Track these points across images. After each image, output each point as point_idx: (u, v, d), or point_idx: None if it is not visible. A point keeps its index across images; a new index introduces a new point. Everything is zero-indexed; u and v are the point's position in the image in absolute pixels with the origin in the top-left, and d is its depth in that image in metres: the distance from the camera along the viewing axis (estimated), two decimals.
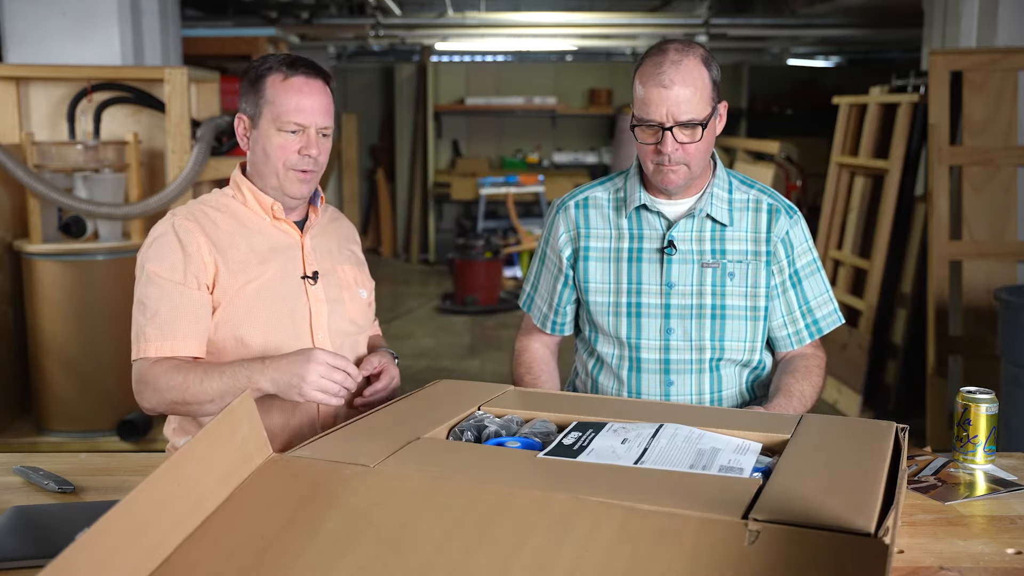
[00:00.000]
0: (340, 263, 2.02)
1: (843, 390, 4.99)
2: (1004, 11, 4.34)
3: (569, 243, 2.05)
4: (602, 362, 2.05)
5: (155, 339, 1.81)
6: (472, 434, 1.54)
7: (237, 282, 1.85)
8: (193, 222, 1.87)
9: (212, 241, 1.86)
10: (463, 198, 9.64)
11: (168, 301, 1.82)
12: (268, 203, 1.92)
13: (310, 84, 1.87)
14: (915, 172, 4.83)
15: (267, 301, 1.87)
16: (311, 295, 1.92)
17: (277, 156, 1.86)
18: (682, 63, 1.82)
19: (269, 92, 1.86)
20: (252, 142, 1.91)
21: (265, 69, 1.88)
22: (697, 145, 1.85)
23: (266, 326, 1.86)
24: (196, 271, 1.83)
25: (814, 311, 2.01)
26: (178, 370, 1.78)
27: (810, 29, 7.77)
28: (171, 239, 1.85)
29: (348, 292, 1.99)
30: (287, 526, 1.15)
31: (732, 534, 1.08)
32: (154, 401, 1.80)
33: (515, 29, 8.18)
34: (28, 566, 1.25)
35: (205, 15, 7.08)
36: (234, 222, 1.91)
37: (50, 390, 3.95)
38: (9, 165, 3.71)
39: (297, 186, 1.89)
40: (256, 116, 1.88)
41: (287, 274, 1.91)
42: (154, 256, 1.85)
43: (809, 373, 1.97)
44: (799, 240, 1.99)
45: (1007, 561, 1.30)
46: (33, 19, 4.29)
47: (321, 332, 1.91)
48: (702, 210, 1.95)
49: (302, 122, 1.85)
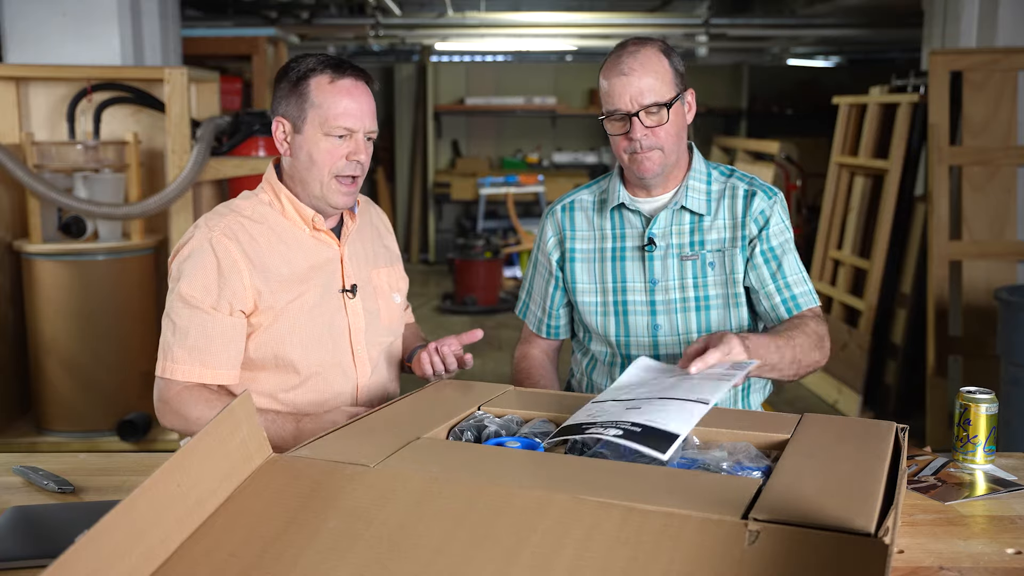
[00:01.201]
0: (375, 266, 1.97)
1: (843, 390, 4.99)
2: (1004, 11, 4.34)
3: (557, 246, 2.08)
4: (595, 361, 2.08)
5: (184, 361, 1.77)
6: (472, 434, 1.54)
7: (280, 302, 1.80)
8: (232, 240, 1.79)
9: (252, 262, 1.79)
10: (463, 198, 9.64)
11: (199, 325, 1.77)
12: (309, 215, 1.84)
13: (358, 87, 1.81)
14: (915, 172, 4.83)
15: (308, 320, 1.82)
16: (350, 310, 1.88)
17: (324, 162, 1.79)
18: (640, 52, 1.87)
19: (315, 95, 1.78)
20: (295, 148, 1.82)
21: (308, 70, 1.79)
22: (666, 128, 1.88)
23: (307, 345, 1.82)
24: (231, 296, 1.77)
25: (791, 287, 1.97)
26: (211, 407, 1.75)
27: (810, 29, 7.77)
28: (208, 257, 1.78)
29: (383, 299, 1.96)
30: (287, 526, 1.15)
31: (732, 534, 1.08)
32: (177, 425, 1.79)
33: (515, 29, 8.19)
34: (28, 566, 1.25)
35: (205, 15, 7.08)
36: (273, 236, 1.84)
37: (50, 390, 3.94)
38: (9, 165, 3.71)
39: (340, 197, 1.83)
40: (300, 120, 1.79)
41: (327, 290, 1.86)
42: (188, 273, 1.78)
43: (799, 328, 1.89)
44: (776, 220, 1.97)
45: (1007, 561, 1.30)
46: (33, 19, 4.29)
47: (359, 347, 1.89)
48: (677, 203, 1.96)
49: (351, 126, 1.78)
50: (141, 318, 4.05)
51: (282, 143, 1.84)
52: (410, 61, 10.09)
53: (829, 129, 5.73)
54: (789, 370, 1.84)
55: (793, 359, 1.83)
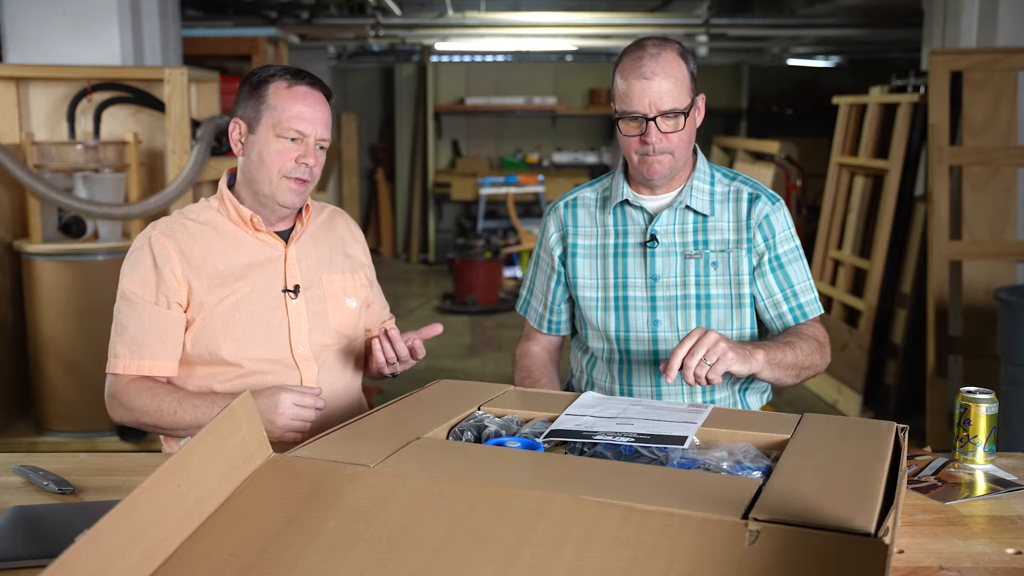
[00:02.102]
0: (328, 271, 2.00)
1: (843, 390, 4.99)
2: (1004, 11, 4.34)
3: (559, 242, 2.09)
4: (595, 358, 2.09)
5: (124, 356, 1.86)
6: (472, 434, 1.54)
7: (212, 298, 1.86)
8: (169, 238, 1.88)
9: (186, 258, 1.87)
10: (463, 198, 9.64)
11: (137, 319, 1.86)
12: (247, 215, 1.91)
13: (314, 95, 1.88)
14: (915, 172, 4.83)
15: (243, 317, 1.87)
16: (291, 309, 1.91)
17: (273, 162, 1.85)
18: (661, 55, 1.87)
19: (272, 98, 1.85)
20: (248, 147, 1.89)
21: (269, 76, 1.87)
22: (680, 134, 1.90)
23: (241, 342, 1.87)
24: (167, 290, 1.86)
25: (798, 295, 2.00)
26: (152, 394, 1.83)
27: (810, 29, 7.77)
28: (145, 255, 1.88)
29: (334, 303, 1.98)
30: (287, 526, 1.15)
31: (732, 534, 1.08)
32: (125, 418, 1.86)
33: (515, 29, 8.19)
34: (28, 566, 1.25)
35: (205, 15, 7.08)
36: (214, 235, 1.91)
37: (50, 390, 3.95)
38: (9, 165, 3.71)
39: (289, 195, 1.88)
40: (255, 121, 1.86)
41: (266, 288, 1.90)
42: (128, 271, 1.89)
43: (799, 334, 1.95)
44: (781, 226, 1.99)
45: (1007, 561, 1.30)
46: (33, 19, 4.29)
47: (301, 346, 1.91)
48: (682, 202, 1.98)
49: (303, 130, 1.85)
50: None
51: (236, 143, 1.90)
52: (410, 61, 10.09)
53: (829, 129, 5.73)
54: (790, 377, 1.88)
55: (794, 364, 1.87)
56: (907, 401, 4.75)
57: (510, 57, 10.21)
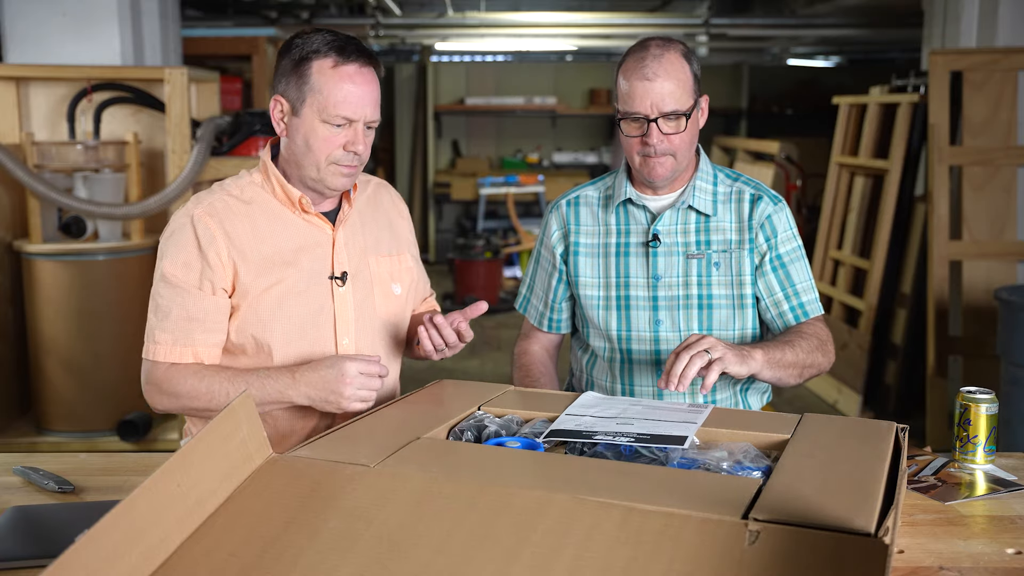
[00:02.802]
0: (375, 254, 1.89)
1: (843, 390, 4.99)
2: (1004, 11, 4.34)
3: (561, 240, 2.09)
4: (596, 357, 2.08)
5: (166, 343, 1.74)
6: (472, 434, 1.54)
7: (259, 285, 1.75)
8: (213, 218, 1.75)
9: (232, 241, 1.75)
10: (463, 198, 9.64)
11: (181, 304, 1.73)
12: (296, 196, 1.78)
13: (362, 74, 1.72)
14: (915, 172, 4.83)
15: (290, 305, 1.76)
16: (338, 298, 1.81)
17: (320, 149, 1.73)
18: (664, 56, 1.86)
19: (316, 79, 1.70)
20: (291, 129, 1.75)
21: (312, 51, 1.71)
22: (682, 136, 1.89)
23: (287, 330, 1.76)
24: (211, 275, 1.73)
25: (800, 295, 2.00)
26: (200, 377, 1.72)
27: (810, 29, 7.78)
28: (188, 235, 1.75)
29: (380, 288, 1.87)
30: (287, 526, 1.15)
31: (732, 534, 1.08)
32: (169, 405, 1.75)
33: (515, 29, 8.19)
34: (28, 566, 1.25)
35: (205, 15, 7.08)
36: (261, 216, 1.78)
37: (50, 390, 3.95)
38: (9, 165, 3.71)
39: (339, 180, 1.76)
40: (298, 102, 1.72)
41: (314, 275, 1.79)
42: (170, 252, 1.76)
43: (800, 333, 1.94)
44: (782, 227, 1.99)
45: (1007, 561, 1.30)
46: (33, 19, 4.29)
47: (347, 338, 1.81)
48: (684, 202, 1.97)
49: (350, 116, 1.71)
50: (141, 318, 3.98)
51: (279, 123, 1.77)
52: (410, 61, 10.09)
53: (829, 129, 5.73)
54: (792, 377, 1.87)
55: (794, 363, 1.85)
56: (907, 401, 4.75)
57: (510, 57, 10.21)
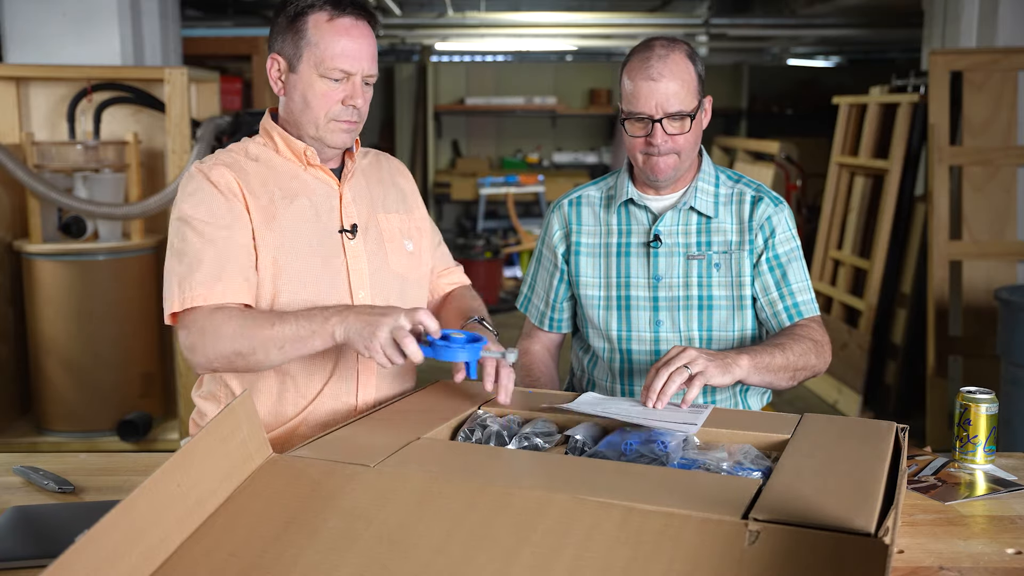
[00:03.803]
0: (383, 211, 1.86)
1: (843, 390, 4.99)
2: (1004, 11, 4.34)
3: (563, 239, 2.09)
4: (596, 357, 2.08)
5: (202, 284, 1.64)
6: (472, 434, 1.54)
7: (273, 238, 1.71)
8: (228, 169, 1.72)
9: (249, 190, 1.71)
10: (463, 198, 9.63)
11: (212, 246, 1.66)
12: (300, 148, 1.76)
13: (358, 27, 1.71)
14: (915, 172, 4.83)
15: (302, 258, 1.72)
16: (349, 251, 1.76)
17: (319, 105, 1.71)
18: (669, 57, 1.88)
19: (312, 33, 1.69)
20: (289, 87, 1.74)
21: (307, 6, 1.71)
22: (686, 136, 1.90)
23: (301, 283, 1.71)
24: (234, 220, 1.68)
25: (795, 295, 1.98)
26: (244, 316, 1.63)
27: (810, 29, 7.77)
28: (207, 186, 1.70)
29: (392, 244, 1.84)
30: (287, 526, 1.15)
31: (732, 534, 1.08)
32: (212, 353, 1.63)
33: (515, 29, 8.18)
34: (28, 566, 1.25)
35: (205, 15, 7.08)
36: (268, 171, 1.76)
37: (50, 390, 3.95)
38: (9, 165, 3.71)
39: (339, 136, 1.74)
40: (295, 58, 1.71)
41: (323, 229, 1.75)
42: (188, 198, 1.70)
43: (791, 335, 1.91)
44: (781, 227, 1.98)
45: (1007, 561, 1.30)
46: (33, 19, 4.29)
47: (363, 291, 1.76)
48: (686, 203, 1.97)
49: (348, 69, 1.69)
50: (141, 318, 4.05)
51: (276, 81, 1.76)
52: (410, 61, 10.08)
53: (829, 129, 5.73)
54: (783, 380, 1.84)
55: (785, 366, 1.83)
56: (907, 401, 4.75)
57: (510, 57, 10.21)
